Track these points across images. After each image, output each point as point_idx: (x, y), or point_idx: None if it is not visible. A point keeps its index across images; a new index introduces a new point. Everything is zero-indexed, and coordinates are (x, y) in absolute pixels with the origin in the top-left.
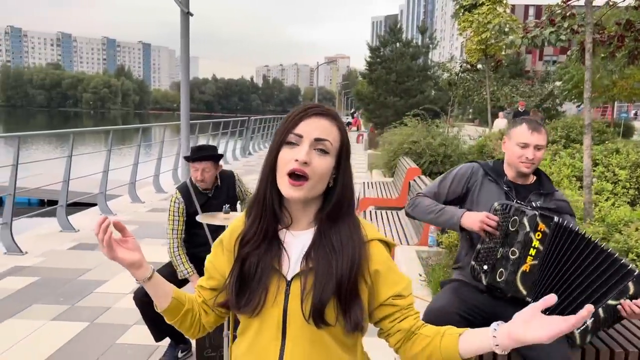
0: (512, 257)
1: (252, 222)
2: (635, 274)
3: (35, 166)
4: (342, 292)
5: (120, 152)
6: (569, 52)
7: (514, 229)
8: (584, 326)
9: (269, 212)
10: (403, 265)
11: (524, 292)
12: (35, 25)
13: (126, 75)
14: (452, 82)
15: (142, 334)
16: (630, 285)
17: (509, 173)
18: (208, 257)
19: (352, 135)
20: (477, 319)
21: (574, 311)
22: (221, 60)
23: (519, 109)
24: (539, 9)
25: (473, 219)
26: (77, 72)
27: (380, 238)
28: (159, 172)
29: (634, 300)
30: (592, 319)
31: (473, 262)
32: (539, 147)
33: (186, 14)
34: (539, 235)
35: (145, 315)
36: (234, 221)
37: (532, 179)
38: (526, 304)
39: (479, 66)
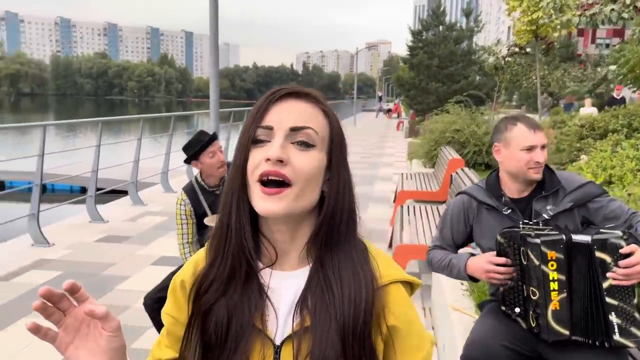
0: (533, 297)
1: (213, 260)
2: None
3: (79, 153)
4: (348, 348)
5: (163, 140)
6: (630, 32)
7: (526, 262)
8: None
9: (235, 242)
10: None
11: (566, 332)
12: (83, 16)
13: (169, 64)
14: (499, 66)
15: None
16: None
17: (511, 187)
18: (164, 310)
19: (392, 122)
20: (526, 350)
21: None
22: (262, 48)
23: (615, 96)
24: None
25: (477, 270)
26: (122, 60)
27: (401, 278)
28: None
29: (617, 270)
30: (620, 317)
31: (503, 308)
32: (545, 145)
33: None
34: (552, 265)
35: (155, 321)
36: (194, 256)
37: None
38: (575, 342)
39: (528, 49)
